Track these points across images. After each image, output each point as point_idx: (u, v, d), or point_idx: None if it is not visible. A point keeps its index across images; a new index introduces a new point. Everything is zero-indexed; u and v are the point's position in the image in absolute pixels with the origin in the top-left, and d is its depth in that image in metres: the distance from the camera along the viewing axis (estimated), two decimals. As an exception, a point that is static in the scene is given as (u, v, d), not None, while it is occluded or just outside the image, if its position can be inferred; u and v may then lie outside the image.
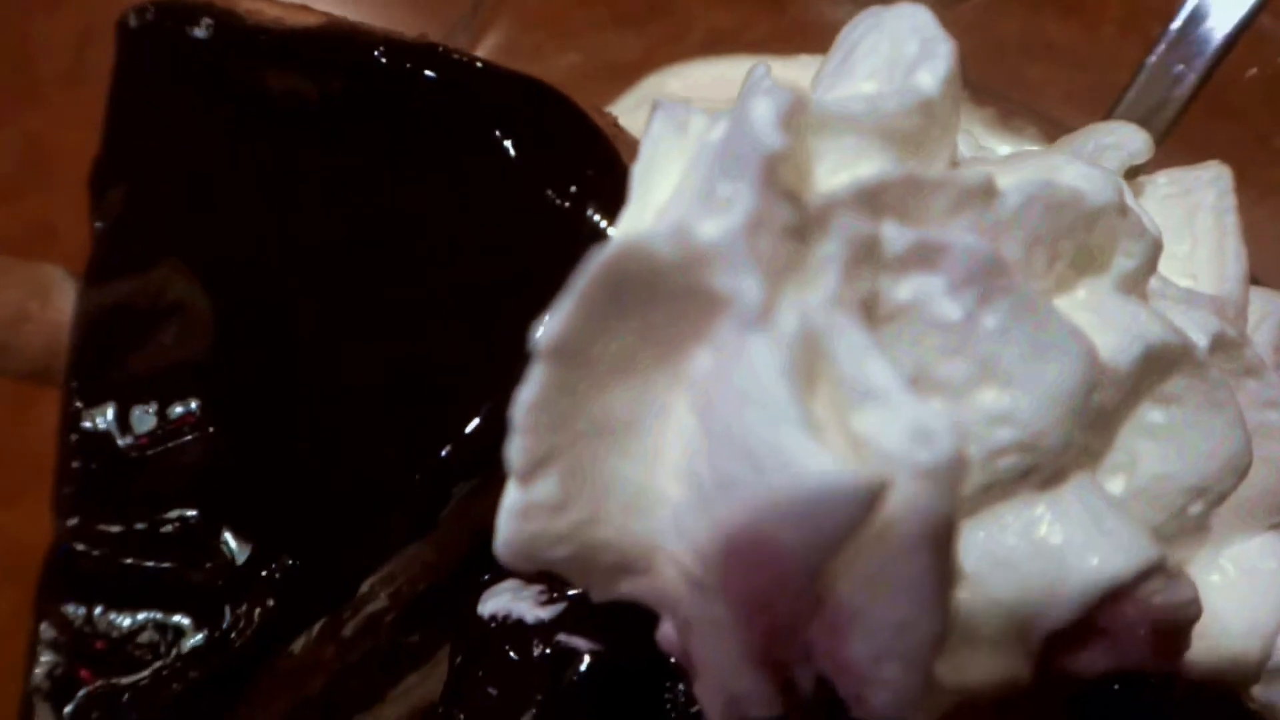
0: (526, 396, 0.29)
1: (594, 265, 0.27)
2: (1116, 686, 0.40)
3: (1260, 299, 0.46)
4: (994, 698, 0.34)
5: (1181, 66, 0.64)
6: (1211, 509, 0.38)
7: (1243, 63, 0.62)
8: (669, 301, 0.29)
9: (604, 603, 0.42)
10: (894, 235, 0.31)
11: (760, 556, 0.29)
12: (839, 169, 0.31)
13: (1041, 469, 0.34)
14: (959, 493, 0.28)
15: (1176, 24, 0.62)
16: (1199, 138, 0.62)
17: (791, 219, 0.29)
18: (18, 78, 1.12)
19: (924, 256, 0.31)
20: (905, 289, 0.32)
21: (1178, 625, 0.36)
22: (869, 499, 0.27)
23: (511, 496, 0.32)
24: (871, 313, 0.31)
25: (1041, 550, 0.34)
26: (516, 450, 0.30)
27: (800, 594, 0.30)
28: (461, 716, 0.43)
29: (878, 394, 0.28)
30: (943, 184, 0.32)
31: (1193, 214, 0.47)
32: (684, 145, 0.34)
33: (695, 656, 0.35)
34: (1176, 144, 0.61)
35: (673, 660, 0.41)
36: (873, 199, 0.31)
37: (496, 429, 0.44)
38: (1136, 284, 0.37)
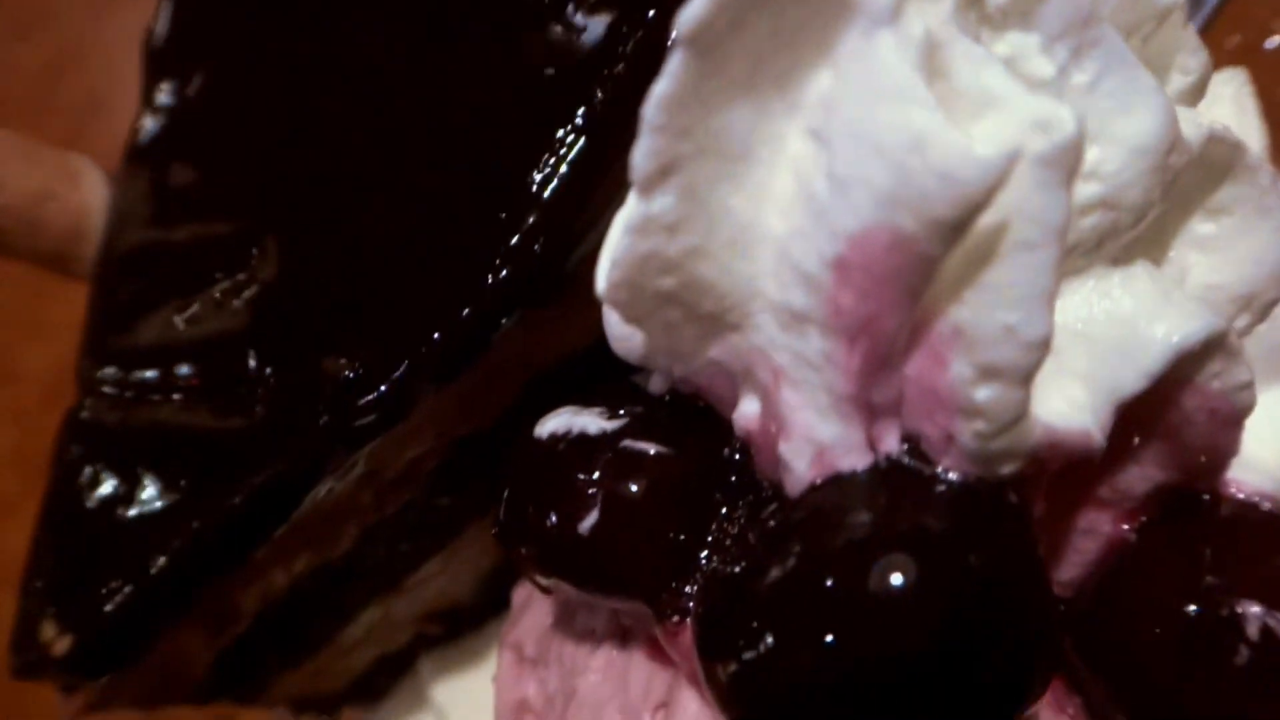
0: (662, 90, 0.30)
1: (745, -59, 0.29)
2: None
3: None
4: (1069, 458, 0.36)
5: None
6: (1257, 323, 0.40)
7: (1225, 30, 0.66)
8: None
9: (670, 411, 0.43)
10: (996, -13, 0.33)
11: (878, 254, 0.31)
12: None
13: (1118, 233, 0.36)
14: (1074, 183, 0.30)
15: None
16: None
17: (918, -67, 0.31)
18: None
19: (1023, 10, 0.33)
20: (1003, 45, 0.34)
21: (1234, 412, 0.38)
22: (1002, 167, 0.28)
23: (630, 210, 0.33)
24: (972, 61, 0.33)
25: (1116, 319, 0.36)
26: (643, 153, 0.31)
27: (908, 303, 0.31)
28: (520, 531, 0.43)
29: (998, 98, 0.30)
30: (1038, -52, 0.34)
31: (1211, 106, 0.50)
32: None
33: (784, 411, 0.36)
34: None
35: (738, 459, 0.42)
36: (979, -52, 0.33)
37: (556, 256, 0.45)
38: (1191, 102, 0.40)
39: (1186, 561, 0.40)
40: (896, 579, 0.33)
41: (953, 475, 0.35)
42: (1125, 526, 0.42)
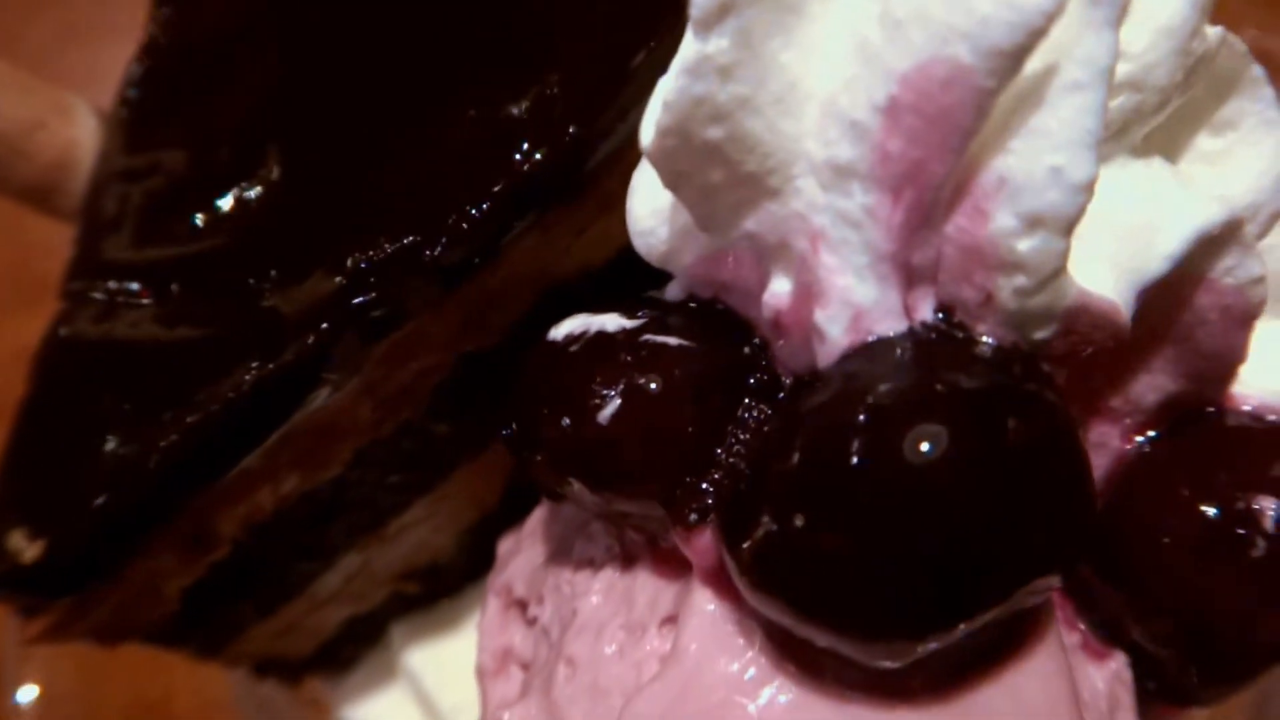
0: (727, -80, 0.31)
1: None
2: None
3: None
4: (1097, 338, 0.36)
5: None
6: (1263, 233, 0.42)
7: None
8: None
9: (689, 313, 0.43)
10: None
11: (932, 91, 0.31)
12: None
13: (1142, 117, 0.37)
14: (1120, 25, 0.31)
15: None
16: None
17: None
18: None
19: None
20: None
21: (1247, 308, 0.39)
22: (1060, -6, 0.29)
23: (687, 50, 0.33)
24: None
25: (1139, 204, 0.37)
26: (704, -13, 0.32)
27: (958, 145, 0.32)
28: (534, 434, 0.42)
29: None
30: None
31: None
32: None
33: (822, 275, 0.36)
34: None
35: (758, 355, 0.41)
36: None
37: (582, 149, 0.45)
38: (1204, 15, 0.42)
39: (1200, 464, 0.41)
40: (935, 441, 0.33)
41: (988, 339, 0.35)
42: (1136, 439, 0.43)
